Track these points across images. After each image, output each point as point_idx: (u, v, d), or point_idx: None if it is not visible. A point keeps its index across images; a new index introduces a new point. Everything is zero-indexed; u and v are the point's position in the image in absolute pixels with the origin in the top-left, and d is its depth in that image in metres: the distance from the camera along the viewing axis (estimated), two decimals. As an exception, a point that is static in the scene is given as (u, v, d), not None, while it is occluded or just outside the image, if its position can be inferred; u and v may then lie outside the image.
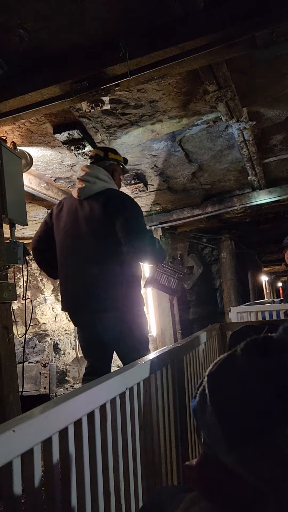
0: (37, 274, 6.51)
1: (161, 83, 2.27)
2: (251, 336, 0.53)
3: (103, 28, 1.82)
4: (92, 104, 2.20)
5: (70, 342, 6.41)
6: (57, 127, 2.63)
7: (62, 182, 3.85)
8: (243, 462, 0.46)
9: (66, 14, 1.69)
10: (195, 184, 4.37)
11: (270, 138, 3.43)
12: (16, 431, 0.71)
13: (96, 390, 0.99)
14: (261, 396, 0.45)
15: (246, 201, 4.76)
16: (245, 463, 0.46)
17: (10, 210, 2.27)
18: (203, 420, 0.52)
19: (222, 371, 0.51)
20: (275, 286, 16.58)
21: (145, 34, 1.84)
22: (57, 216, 2.39)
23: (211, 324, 2.73)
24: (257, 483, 0.46)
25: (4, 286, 2.24)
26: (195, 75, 2.21)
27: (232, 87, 2.31)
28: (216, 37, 1.76)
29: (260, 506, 0.47)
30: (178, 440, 1.51)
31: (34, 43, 1.84)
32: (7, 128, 2.57)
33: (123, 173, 2.58)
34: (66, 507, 0.86)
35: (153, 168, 3.78)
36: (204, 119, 2.84)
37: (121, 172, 2.54)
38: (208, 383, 0.52)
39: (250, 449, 0.45)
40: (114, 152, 2.51)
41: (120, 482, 1.08)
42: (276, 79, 2.42)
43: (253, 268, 9.14)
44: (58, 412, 0.84)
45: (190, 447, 1.63)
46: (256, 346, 0.50)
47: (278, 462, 0.43)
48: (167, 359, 1.50)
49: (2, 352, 2.17)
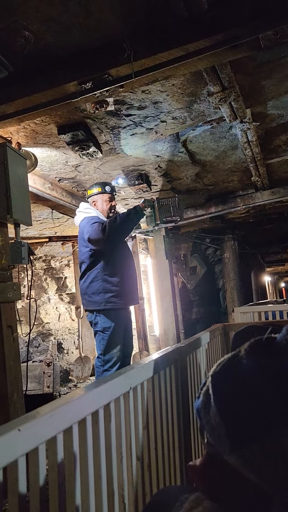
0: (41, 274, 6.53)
1: (165, 84, 2.27)
2: (255, 336, 0.53)
3: (108, 30, 1.83)
4: (96, 105, 2.21)
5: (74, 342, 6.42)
6: (61, 128, 2.64)
7: (67, 183, 3.86)
8: (247, 462, 0.46)
9: (71, 16, 1.70)
10: (198, 184, 4.37)
11: (274, 138, 3.42)
12: (21, 430, 0.72)
13: (100, 390, 1.00)
14: (265, 397, 0.45)
15: (249, 201, 4.76)
16: (249, 463, 0.46)
17: (15, 210, 2.28)
18: (207, 420, 0.52)
19: (226, 372, 0.52)
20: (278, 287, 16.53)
21: (149, 35, 1.84)
22: None
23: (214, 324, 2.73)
24: (261, 483, 0.46)
25: (9, 286, 2.25)
26: (199, 76, 2.21)
27: (236, 88, 2.31)
28: (220, 38, 1.76)
29: (264, 506, 0.47)
30: (182, 440, 1.51)
31: (39, 44, 1.85)
32: (12, 129, 2.59)
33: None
34: (70, 505, 0.87)
35: (156, 169, 3.78)
36: (208, 120, 2.84)
37: (103, 197, 3.17)
38: (212, 384, 0.52)
39: (254, 449, 0.45)
40: (89, 189, 3.26)
41: (123, 481, 1.08)
42: (280, 80, 2.42)
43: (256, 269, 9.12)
44: (63, 411, 0.85)
45: (193, 447, 1.64)
46: (260, 347, 0.50)
47: (282, 462, 0.44)
48: (170, 359, 1.50)
49: (6, 351, 2.18)
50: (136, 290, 3.20)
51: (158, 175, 3.94)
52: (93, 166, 3.49)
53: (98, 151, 2.98)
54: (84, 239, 2.99)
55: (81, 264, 3.09)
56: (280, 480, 0.44)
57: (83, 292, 3.07)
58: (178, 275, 6.92)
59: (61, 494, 0.84)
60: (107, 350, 2.96)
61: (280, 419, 0.44)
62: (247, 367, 0.48)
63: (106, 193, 3.17)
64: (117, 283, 2.98)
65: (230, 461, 0.49)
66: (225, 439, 0.49)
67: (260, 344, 0.51)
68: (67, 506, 0.86)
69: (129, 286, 3.07)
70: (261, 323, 3.30)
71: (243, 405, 0.47)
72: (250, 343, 0.51)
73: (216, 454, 0.52)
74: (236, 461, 0.48)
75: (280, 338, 0.50)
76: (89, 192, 3.23)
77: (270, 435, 0.44)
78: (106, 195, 3.17)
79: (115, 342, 2.96)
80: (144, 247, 6.74)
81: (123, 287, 3.00)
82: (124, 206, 4.90)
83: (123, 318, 3.06)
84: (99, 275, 2.98)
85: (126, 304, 3.07)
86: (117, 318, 2.99)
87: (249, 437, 0.45)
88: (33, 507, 0.78)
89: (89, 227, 2.94)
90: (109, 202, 3.17)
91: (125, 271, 3.07)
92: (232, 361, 0.52)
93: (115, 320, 2.97)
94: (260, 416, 0.45)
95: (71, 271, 6.73)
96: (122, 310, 3.05)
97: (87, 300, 3.04)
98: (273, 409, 0.45)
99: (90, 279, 2.99)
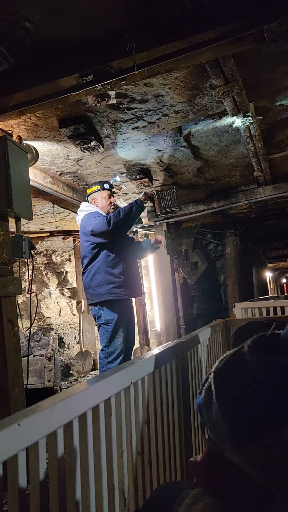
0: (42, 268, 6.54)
1: (167, 77, 2.25)
2: (257, 332, 0.52)
3: (110, 22, 1.81)
4: (98, 98, 2.19)
5: (75, 336, 6.44)
6: (63, 121, 2.62)
7: (68, 177, 3.85)
8: (249, 459, 0.46)
9: (72, 7, 1.68)
10: (200, 179, 4.34)
11: (277, 133, 3.40)
12: (21, 424, 0.72)
13: (101, 384, 0.99)
14: (268, 393, 0.45)
15: (251, 196, 4.73)
16: (250, 459, 0.46)
17: (16, 204, 2.27)
18: (209, 416, 0.52)
19: (228, 368, 0.51)
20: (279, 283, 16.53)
21: (152, 28, 1.82)
22: None
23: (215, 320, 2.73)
24: (262, 480, 0.45)
25: (10, 280, 2.25)
26: (202, 69, 2.19)
27: (239, 81, 2.28)
28: (224, 30, 1.74)
29: (266, 502, 0.47)
30: (182, 435, 1.51)
31: (40, 36, 1.83)
32: (13, 122, 2.57)
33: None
34: (71, 500, 0.87)
35: (158, 163, 3.76)
36: (210, 114, 2.82)
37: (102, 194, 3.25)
38: (214, 380, 0.51)
39: (256, 445, 0.44)
40: (88, 188, 3.36)
41: (124, 476, 1.08)
42: (284, 74, 2.39)
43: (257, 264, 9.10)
44: (63, 406, 0.84)
45: (194, 443, 1.64)
46: (263, 343, 0.49)
47: (284, 459, 0.43)
48: (171, 354, 1.50)
49: (7, 345, 2.18)
50: (139, 282, 3.25)
51: (160, 169, 3.92)
52: (95, 160, 3.48)
53: (99, 145, 2.96)
54: (86, 233, 3.05)
55: (83, 259, 3.13)
56: (282, 477, 0.44)
57: (86, 287, 3.11)
58: (179, 270, 6.91)
59: (61, 488, 0.84)
60: (111, 342, 2.99)
61: (282, 416, 0.44)
62: (250, 363, 0.48)
63: (104, 190, 3.26)
64: (119, 274, 3.03)
65: (231, 457, 0.48)
66: (226, 435, 0.48)
67: (264, 340, 0.50)
68: (67, 500, 0.86)
69: (131, 278, 3.11)
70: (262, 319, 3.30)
71: (245, 402, 0.46)
72: (254, 339, 0.50)
73: (217, 450, 0.52)
74: (238, 458, 0.47)
75: (284, 334, 0.49)
76: (89, 191, 3.34)
77: (272, 432, 0.44)
78: (105, 192, 3.25)
79: (118, 334, 3.00)
80: (146, 242, 6.72)
81: (125, 278, 3.05)
82: (125, 200, 4.89)
83: (126, 310, 3.10)
84: (101, 268, 3.02)
85: (129, 296, 3.11)
86: (120, 309, 3.02)
87: (251, 434, 0.45)
88: (33, 501, 0.78)
89: (92, 220, 3.02)
90: (108, 199, 3.25)
91: (127, 263, 3.11)
92: (235, 357, 0.51)
93: (118, 312, 3.00)
94: (263, 413, 0.44)
95: (72, 265, 6.74)
96: (125, 301, 3.09)
97: (90, 294, 3.07)
98: (276, 406, 0.44)
99: (93, 273, 3.04)
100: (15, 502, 0.73)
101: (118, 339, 3.00)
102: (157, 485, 1.25)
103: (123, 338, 3.02)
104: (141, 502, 1.14)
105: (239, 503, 0.51)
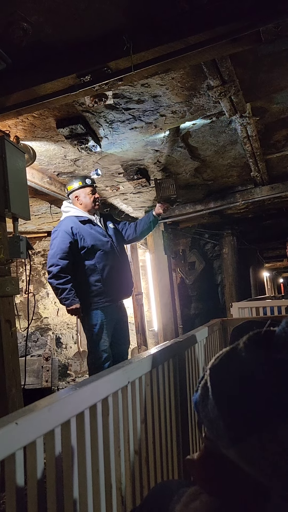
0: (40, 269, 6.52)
1: (164, 77, 2.25)
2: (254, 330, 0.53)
3: (107, 22, 1.81)
4: (95, 98, 2.20)
5: (72, 336, 6.43)
6: (60, 122, 2.62)
7: (65, 177, 3.84)
8: (245, 456, 0.46)
9: (70, 8, 1.68)
10: (197, 179, 4.35)
11: (274, 133, 3.41)
12: (19, 423, 0.72)
13: (99, 384, 1.00)
14: (264, 389, 0.45)
15: (248, 197, 4.74)
16: (247, 456, 0.46)
17: (13, 204, 2.27)
18: (205, 413, 0.52)
19: (224, 365, 0.52)
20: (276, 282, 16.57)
21: (149, 28, 1.82)
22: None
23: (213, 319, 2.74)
24: (259, 476, 0.46)
25: (7, 280, 2.24)
26: (199, 69, 2.19)
27: (236, 82, 2.29)
28: (221, 31, 1.74)
29: (262, 500, 0.47)
30: (180, 434, 1.52)
31: (37, 36, 1.83)
32: (10, 122, 2.57)
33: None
34: (68, 499, 0.87)
35: (156, 164, 3.76)
36: (207, 114, 2.82)
37: (85, 190, 3.12)
38: (210, 377, 0.52)
39: (253, 442, 0.45)
40: (69, 185, 3.21)
41: (121, 475, 1.09)
42: (281, 74, 2.40)
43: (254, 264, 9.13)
44: (61, 405, 0.84)
45: (191, 441, 1.64)
46: (258, 340, 0.50)
47: (280, 456, 0.44)
48: (169, 353, 1.50)
49: (4, 345, 2.18)
50: (124, 284, 3.10)
51: (157, 170, 3.92)
52: (92, 160, 3.48)
53: (97, 145, 2.96)
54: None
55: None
56: (279, 473, 0.44)
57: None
58: (176, 270, 6.92)
59: (58, 487, 0.84)
60: (95, 347, 2.94)
61: (279, 412, 0.44)
62: (246, 360, 0.48)
63: (87, 186, 3.12)
64: (95, 282, 2.94)
65: (228, 454, 0.49)
66: (223, 432, 0.48)
67: (259, 337, 0.50)
68: (65, 499, 0.86)
69: (111, 283, 2.99)
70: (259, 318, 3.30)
71: (241, 398, 0.46)
72: (249, 336, 0.51)
73: (214, 447, 0.52)
74: (234, 455, 0.48)
75: (279, 331, 0.50)
76: (70, 188, 3.16)
77: (268, 428, 0.44)
78: (88, 188, 3.12)
79: (102, 339, 2.93)
80: (143, 242, 6.72)
81: (103, 285, 2.95)
82: (123, 201, 4.88)
83: (110, 315, 3.00)
84: (78, 278, 2.94)
85: (111, 302, 3.00)
86: (105, 315, 2.95)
87: (248, 430, 0.45)
88: (31, 500, 0.78)
89: (52, 245, 2.96)
90: (92, 195, 3.12)
91: (105, 268, 2.98)
92: (231, 354, 0.51)
93: (101, 317, 2.94)
94: (259, 409, 0.45)
95: (69, 266, 6.70)
96: (107, 308, 2.99)
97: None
98: (272, 402, 0.44)
99: (75, 287, 2.94)
100: (13, 501, 0.73)
101: (103, 344, 2.93)
102: (154, 483, 1.26)
103: (108, 343, 2.95)
104: (139, 500, 1.15)
105: (236, 501, 0.51)
